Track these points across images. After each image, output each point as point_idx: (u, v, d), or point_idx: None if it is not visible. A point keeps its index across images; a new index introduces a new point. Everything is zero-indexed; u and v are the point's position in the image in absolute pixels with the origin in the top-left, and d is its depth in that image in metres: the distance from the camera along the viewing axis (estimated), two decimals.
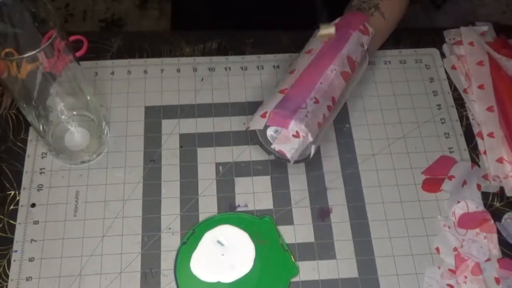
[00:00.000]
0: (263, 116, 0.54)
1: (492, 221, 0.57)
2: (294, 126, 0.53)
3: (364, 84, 0.66)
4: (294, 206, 0.58)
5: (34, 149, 0.61)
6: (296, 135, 0.53)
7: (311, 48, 0.59)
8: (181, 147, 0.62)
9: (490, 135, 0.62)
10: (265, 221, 0.57)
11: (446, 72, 0.68)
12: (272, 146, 0.55)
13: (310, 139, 0.54)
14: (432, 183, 0.60)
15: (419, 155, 0.62)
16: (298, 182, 0.60)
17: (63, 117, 0.59)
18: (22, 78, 0.48)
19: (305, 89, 0.55)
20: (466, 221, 0.57)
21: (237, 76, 0.67)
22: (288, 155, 0.54)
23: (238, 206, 0.58)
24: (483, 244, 0.56)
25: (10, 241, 0.55)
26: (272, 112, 0.54)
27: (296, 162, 0.58)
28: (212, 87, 0.66)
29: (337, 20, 0.60)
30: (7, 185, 0.58)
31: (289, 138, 0.54)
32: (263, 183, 0.60)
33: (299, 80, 0.56)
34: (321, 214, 0.58)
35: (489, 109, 0.64)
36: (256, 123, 0.55)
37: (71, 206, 0.57)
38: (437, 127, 0.64)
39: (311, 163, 0.60)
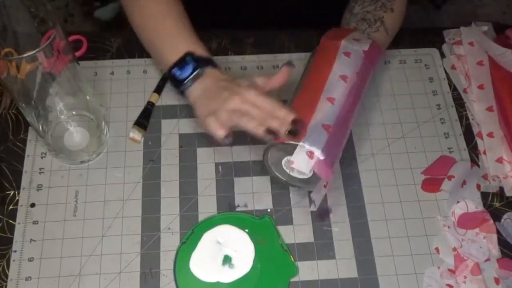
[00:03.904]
0: (310, 156, 0.50)
1: (491, 221, 0.57)
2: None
3: None
4: (293, 206, 0.58)
5: (34, 149, 0.61)
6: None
7: (345, 74, 0.55)
8: (180, 147, 0.62)
9: (490, 135, 0.62)
10: (265, 221, 0.57)
11: (445, 72, 0.68)
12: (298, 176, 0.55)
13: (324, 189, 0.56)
14: (431, 183, 0.60)
15: (419, 155, 0.62)
16: None
17: (62, 117, 0.59)
18: (22, 78, 0.48)
19: (344, 129, 0.54)
20: (466, 221, 0.57)
21: (236, 76, 0.67)
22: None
23: (238, 206, 0.58)
24: (482, 244, 0.56)
25: (10, 241, 0.55)
26: (323, 161, 0.50)
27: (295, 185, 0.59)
28: None
29: (366, 47, 0.58)
30: (7, 185, 0.58)
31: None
32: (263, 183, 0.60)
33: (340, 119, 0.53)
34: (321, 214, 0.58)
35: (489, 109, 0.64)
36: (301, 161, 0.50)
37: (70, 206, 0.57)
38: (436, 127, 0.64)
39: None
